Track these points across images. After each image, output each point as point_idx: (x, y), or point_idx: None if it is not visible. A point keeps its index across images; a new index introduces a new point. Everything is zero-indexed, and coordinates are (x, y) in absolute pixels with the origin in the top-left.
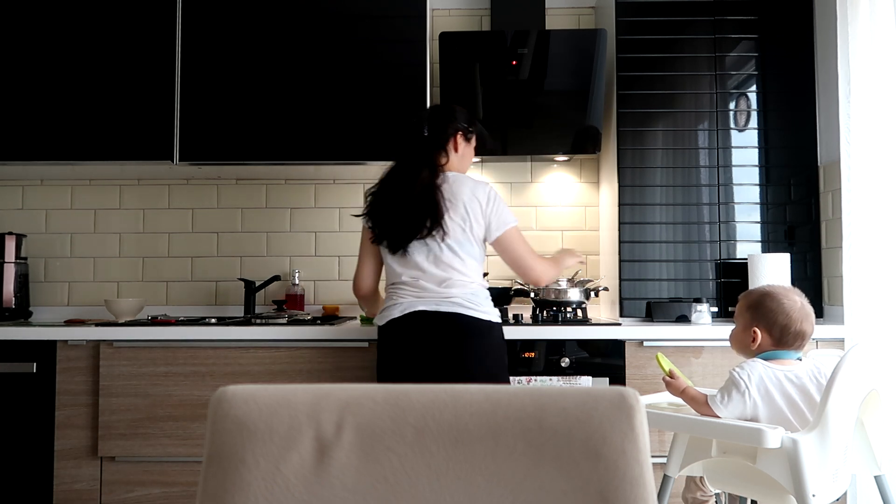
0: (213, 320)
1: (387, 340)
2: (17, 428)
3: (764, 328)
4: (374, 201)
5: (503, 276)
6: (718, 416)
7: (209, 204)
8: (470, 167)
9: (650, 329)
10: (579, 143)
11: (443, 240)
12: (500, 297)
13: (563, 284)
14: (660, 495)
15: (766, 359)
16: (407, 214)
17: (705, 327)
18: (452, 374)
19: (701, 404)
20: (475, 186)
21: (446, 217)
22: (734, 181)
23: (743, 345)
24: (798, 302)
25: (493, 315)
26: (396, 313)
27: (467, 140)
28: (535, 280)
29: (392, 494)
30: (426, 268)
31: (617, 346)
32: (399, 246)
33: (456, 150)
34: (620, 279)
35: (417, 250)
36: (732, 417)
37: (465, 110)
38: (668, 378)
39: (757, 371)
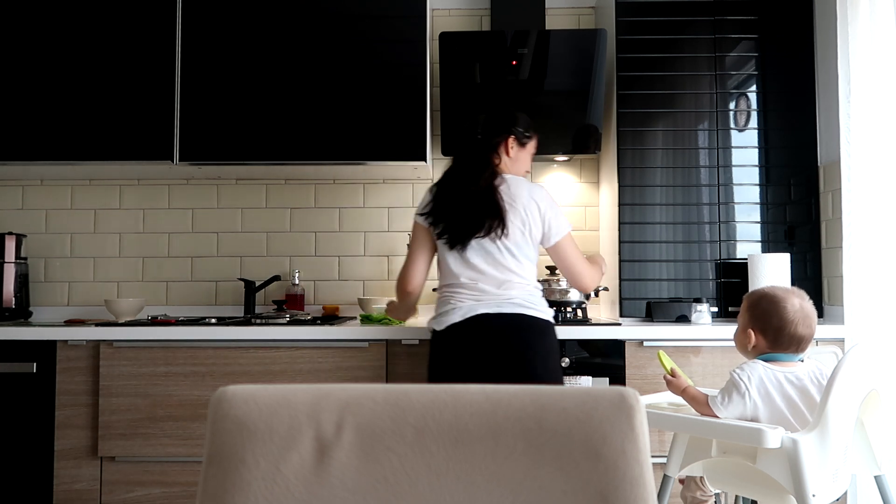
0: (213, 320)
1: (447, 345)
2: (17, 428)
3: (759, 330)
4: (436, 199)
5: None
6: (718, 417)
7: (209, 204)
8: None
9: (650, 329)
10: (579, 143)
11: (502, 241)
12: None
13: (563, 284)
14: (660, 495)
15: (766, 360)
16: (468, 212)
17: (705, 327)
18: (518, 374)
19: (701, 404)
20: (532, 188)
21: (507, 218)
22: (734, 181)
23: (742, 345)
24: (796, 304)
25: (550, 314)
26: (457, 318)
27: (521, 145)
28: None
29: (392, 494)
30: (485, 269)
31: (617, 346)
32: (458, 241)
33: (508, 153)
34: (620, 279)
35: (476, 252)
36: (732, 418)
37: (526, 116)
38: (669, 377)
39: (757, 372)
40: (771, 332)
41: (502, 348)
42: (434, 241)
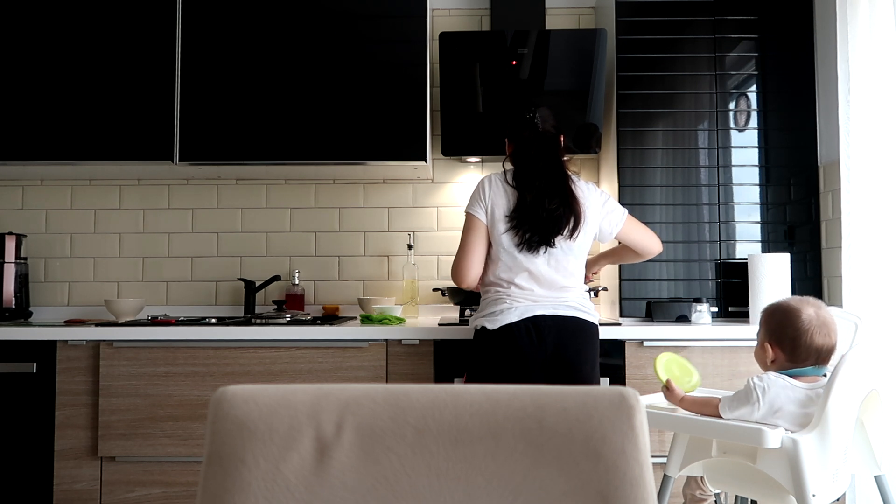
0: (213, 320)
1: (501, 345)
2: (17, 428)
3: (775, 343)
4: (520, 202)
5: None
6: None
7: (209, 204)
8: (470, 167)
9: (650, 329)
10: (579, 143)
11: (568, 243)
12: None
13: None
14: (660, 495)
15: (792, 375)
16: (553, 216)
17: (705, 327)
18: (568, 377)
19: (704, 405)
20: (590, 188)
21: (581, 221)
22: (734, 181)
23: (762, 362)
24: (811, 313)
25: (598, 318)
26: (513, 317)
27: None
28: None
29: (392, 494)
30: (544, 270)
31: (617, 346)
32: (541, 244)
33: (563, 151)
34: (620, 279)
35: (538, 252)
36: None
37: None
38: (665, 389)
39: (775, 388)
40: (788, 344)
41: (557, 351)
42: (489, 235)
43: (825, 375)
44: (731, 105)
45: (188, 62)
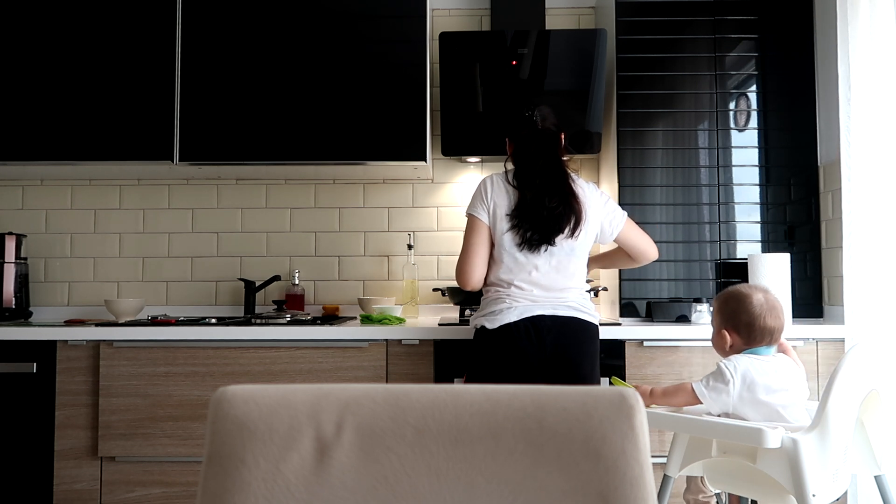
0: (213, 320)
1: (500, 345)
2: (17, 428)
3: (732, 328)
4: (521, 201)
5: None
6: (700, 402)
7: (209, 204)
8: (470, 167)
9: (650, 329)
10: (579, 144)
11: (569, 242)
12: None
13: None
14: (660, 495)
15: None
16: (554, 214)
17: (705, 327)
18: (567, 377)
19: (675, 392)
20: (590, 188)
21: (582, 221)
22: (734, 181)
23: (720, 348)
24: (761, 298)
25: (598, 318)
26: (513, 317)
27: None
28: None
29: (392, 494)
30: (545, 270)
31: (617, 346)
32: (541, 243)
33: (562, 149)
34: (620, 279)
35: (539, 252)
36: (717, 410)
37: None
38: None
39: (743, 363)
40: (743, 328)
41: (556, 351)
42: (492, 236)
43: (774, 355)
44: (731, 105)
45: (188, 62)
